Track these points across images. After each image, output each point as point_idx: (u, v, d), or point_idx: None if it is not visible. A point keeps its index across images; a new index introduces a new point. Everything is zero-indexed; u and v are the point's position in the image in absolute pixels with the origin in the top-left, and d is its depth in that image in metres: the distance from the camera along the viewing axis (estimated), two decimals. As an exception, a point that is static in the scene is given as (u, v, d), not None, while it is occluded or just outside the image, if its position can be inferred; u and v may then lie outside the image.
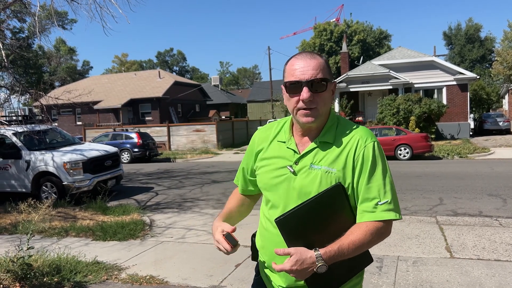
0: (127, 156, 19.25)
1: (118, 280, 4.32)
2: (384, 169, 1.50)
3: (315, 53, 1.55)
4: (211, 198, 9.17)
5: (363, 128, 1.56)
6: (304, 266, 1.40)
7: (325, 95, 1.50)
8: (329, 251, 1.41)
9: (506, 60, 21.45)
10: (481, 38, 54.62)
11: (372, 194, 1.47)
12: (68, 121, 33.89)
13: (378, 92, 24.67)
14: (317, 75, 1.47)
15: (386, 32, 42.36)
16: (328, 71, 1.52)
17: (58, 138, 10.50)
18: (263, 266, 1.71)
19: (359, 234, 1.45)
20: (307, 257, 1.40)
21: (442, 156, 16.04)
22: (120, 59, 79.07)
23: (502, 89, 35.17)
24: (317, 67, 1.48)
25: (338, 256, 1.42)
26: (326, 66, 1.52)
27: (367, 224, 1.46)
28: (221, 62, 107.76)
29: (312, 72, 1.47)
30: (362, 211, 1.49)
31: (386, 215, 1.47)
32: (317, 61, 1.50)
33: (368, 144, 1.50)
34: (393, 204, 1.48)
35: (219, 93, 48.46)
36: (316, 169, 1.51)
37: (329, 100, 1.53)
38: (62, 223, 6.82)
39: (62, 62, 61.63)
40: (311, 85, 1.47)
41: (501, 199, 7.84)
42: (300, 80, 1.47)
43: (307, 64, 1.49)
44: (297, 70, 1.49)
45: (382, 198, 1.47)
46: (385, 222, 1.48)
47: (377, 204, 1.47)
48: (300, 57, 1.52)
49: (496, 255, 4.70)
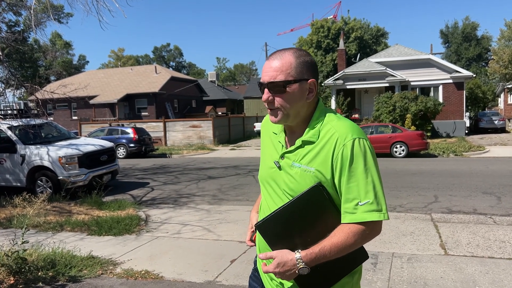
0: (123, 151, 19.19)
1: (113, 275, 4.32)
2: (366, 168, 1.43)
3: (286, 52, 1.51)
4: (207, 194, 9.17)
5: (345, 125, 1.49)
6: (286, 268, 1.43)
7: (286, 96, 1.48)
8: (310, 254, 1.42)
9: (502, 59, 21.52)
10: (477, 37, 54.77)
11: (352, 195, 1.43)
12: (64, 116, 33.73)
13: (375, 89, 24.70)
14: (276, 77, 1.47)
15: (383, 29, 42.31)
16: (296, 70, 1.48)
17: (53, 133, 10.46)
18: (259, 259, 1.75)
19: (341, 236, 1.43)
20: (288, 260, 1.43)
21: (437, 154, 16.10)
22: (117, 53, 78.71)
23: (498, 88, 35.33)
24: (279, 68, 1.47)
25: (320, 258, 1.42)
26: (295, 66, 1.48)
27: (350, 226, 1.44)
28: (218, 58, 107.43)
29: (271, 74, 1.48)
30: (344, 212, 1.46)
31: (368, 216, 1.42)
32: (282, 62, 1.48)
33: (347, 143, 1.44)
34: (375, 204, 1.42)
35: (215, 89, 48.35)
36: (296, 167, 1.52)
37: (294, 100, 1.49)
38: (57, 218, 6.80)
39: (58, 56, 61.29)
40: (269, 87, 1.49)
41: (496, 197, 7.89)
42: (262, 82, 1.51)
43: (269, 66, 1.50)
44: (263, 72, 1.52)
45: (362, 199, 1.42)
46: (368, 223, 1.43)
47: (357, 204, 1.42)
48: (269, 58, 1.53)
49: (490, 253, 4.73)
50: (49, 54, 57.44)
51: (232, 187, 10.01)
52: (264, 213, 1.61)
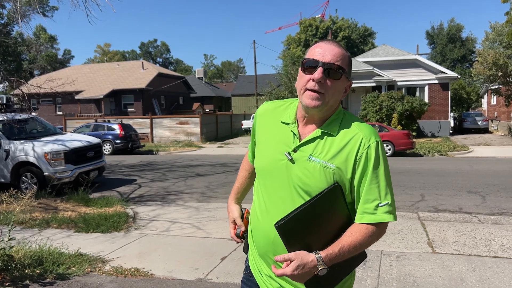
0: (109, 148, 18.98)
1: (102, 272, 4.27)
2: (386, 171, 1.47)
3: (342, 46, 1.52)
4: (195, 191, 9.12)
5: (367, 126, 1.52)
6: (306, 270, 1.39)
7: (337, 84, 1.46)
8: (330, 254, 1.40)
9: (486, 61, 21.84)
10: (462, 39, 55.64)
11: (373, 196, 1.45)
12: (48, 111, 33.18)
13: (362, 89, 24.89)
14: (336, 62, 1.44)
15: (370, 29, 42.71)
16: (348, 66, 1.50)
17: (39, 128, 10.27)
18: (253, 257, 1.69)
19: (359, 236, 1.44)
20: (308, 261, 1.38)
21: (423, 153, 16.31)
22: (103, 49, 77.68)
23: (482, 89, 35.92)
24: (339, 55, 1.45)
25: (338, 258, 1.42)
26: (348, 60, 1.50)
27: (367, 226, 1.45)
28: (205, 54, 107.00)
29: (332, 58, 1.44)
30: (363, 212, 1.46)
31: (387, 217, 1.45)
32: (341, 51, 1.47)
33: (371, 144, 1.46)
34: (392, 206, 1.47)
35: (203, 86, 48.14)
36: (314, 162, 1.46)
37: (339, 91, 1.48)
38: (43, 214, 6.69)
39: (42, 50, 60.24)
40: (326, 68, 1.43)
41: (480, 196, 8.03)
42: (318, 60, 1.44)
43: (330, 49, 1.46)
44: (318, 52, 1.46)
45: (383, 200, 1.45)
46: (383, 223, 1.47)
47: (377, 205, 1.45)
48: (326, 42, 1.50)
49: (476, 251, 4.81)
50: (33, 48, 56.42)
51: (221, 184, 9.98)
52: (267, 210, 1.55)
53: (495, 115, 31.61)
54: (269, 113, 1.67)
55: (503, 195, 8.09)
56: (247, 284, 1.75)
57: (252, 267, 1.70)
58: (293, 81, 26.86)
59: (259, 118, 1.70)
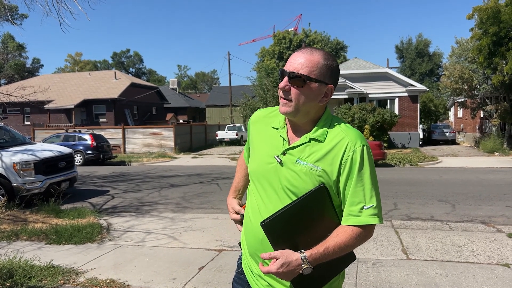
0: (79, 158, 18.54)
1: (76, 284, 4.15)
2: (371, 174, 1.51)
3: (316, 51, 1.54)
4: (170, 202, 9.01)
5: (354, 131, 1.56)
6: (290, 269, 1.43)
7: (303, 91, 1.49)
8: (315, 254, 1.44)
9: (453, 75, 22.71)
10: (429, 53, 57.72)
11: (358, 198, 1.49)
12: (16, 121, 32.18)
13: (335, 100, 25.34)
14: (300, 70, 1.48)
15: (342, 43, 43.69)
16: (321, 71, 1.50)
17: (7, 137, 9.93)
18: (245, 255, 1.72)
19: (344, 238, 1.48)
20: (292, 260, 1.43)
21: (394, 163, 16.70)
22: (74, 58, 76.24)
23: (449, 102, 37.23)
24: (306, 63, 1.49)
25: (323, 258, 1.46)
26: (321, 66, 1.51)
27: (353, 228, 1.49)
28: (179, 65, 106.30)
29: (296, 66, 1.49)
30: (348, 215, 1.50)
31: (371, 220, 1.49)
32: (311, 58, 1.50)
33: (357, 148, 1.50)
34: (377, 209, 1.50)
35: (177, 96, 47.85)
36: (301, 165, 1.52)
37: (310, 97, 1.51)
38: (12, 226, 6.45)
39: (10, 58, 58.48)
40: (290, 77, 1.49)
41: (450, 205, 8.28)
42: (284, 69, 1.52)
43: (296, 57, 1.52)
44: (289, 61, 1.53)
45: (368, 203, 1.49)
46: (369, 226, 1.51)
47: (362, 208, 1.48)
48: (300, 51, 1.54)
49: (448, 257, 4.95)
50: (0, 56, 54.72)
51: (196, 195, 9.90)
52: (259, 210, 1.60)
53: (462, 127, 32.77)
54: (261, 120, 1.74)
55: (472, 203, 8.37)
56: (238, 282, 1.78)
57: (244, 266, 1.74)
58: (267, 92, 27.05)
59: (253, 126, 1.77)
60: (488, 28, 18.56)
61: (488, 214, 7.36)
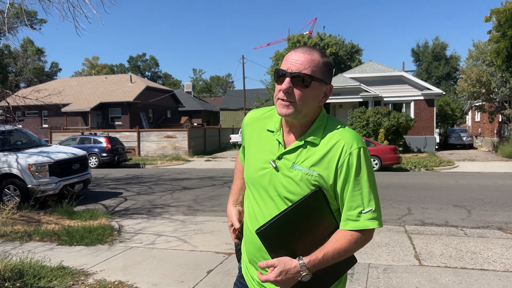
0: (94, 161, 18.77)
1: (85, 286, 4.16)
2: (369, 177, 1.46)
3: (314, 50, 1.49)
4: (182, 205, 9.03)
5: (351, 132, 1.50)
6: (289, 276, 1.39)
7: (307, 92, 1.44)
8: (313, 260, 1.40)
9: (470, 78, 22.34)
10: (446, 56, 56.86)
11: (356, 203, 1.44)
12: (34, 124, 32.79)
13: (349, 104, 25.15)
14: (303, 70, 1.43)
15: (357, 46, 43.29)
16: (321, 70, 1.46)
17: (23, 140, 10.11)
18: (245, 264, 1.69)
19: (343, 243, 1.44)
20: (291, 267, 1.39)
21: (409, 168, 16.46)
22: (91, 62, 77.41)
23: (466, 106, 36.61)
24: (307, 63, 1.43)
25: (322, 264, 1.42)
26: (321, 66, 1.46)
27: (351, 233, 1.45)
28: (194, 69, 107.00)
29: (299, 66, 1.43)
30: (346, 219, 1.46)
31: (370, 224, 1.44)
32: (311, 58, 1.45)
33: (353, 151, 1.44)
34: (376, 212, 1.46)
35: (191, 100, 48.17)
36: (297, 170, 1.47)
37: (312, 98, 1.47)
38: (25, 227, 6.54)
39: (29, 62, 59.73)
40: (293, 78, 1.43)
41: (466, 210, 8.10)
42: (285, 70, 1.45)
43: (298, 57, 1.45)
44: (288, 61, 1.46)
45: (366, 207, 1.44)
46: (368, 230, 1.46)
47: (360, 212, 1.44)
48: (297, 50, 1.48)
49: (463, 263, 4.83)
50: (20, 60, 55.92)
51: (208, 198, 9.90)
52: (256, 217, 1.55)
53: (479, 131, 32.18)
54: (255, 122, 1.68)
55: (488, 209, 8.18)
56: (239, 286, 1.75)
57: (244, 273, 1.70)
58: (281, 96, 26.98)
59: (246, 128, 1.71)
60: (506, 30, 18.20)
61: (505, 220, 7.17)
